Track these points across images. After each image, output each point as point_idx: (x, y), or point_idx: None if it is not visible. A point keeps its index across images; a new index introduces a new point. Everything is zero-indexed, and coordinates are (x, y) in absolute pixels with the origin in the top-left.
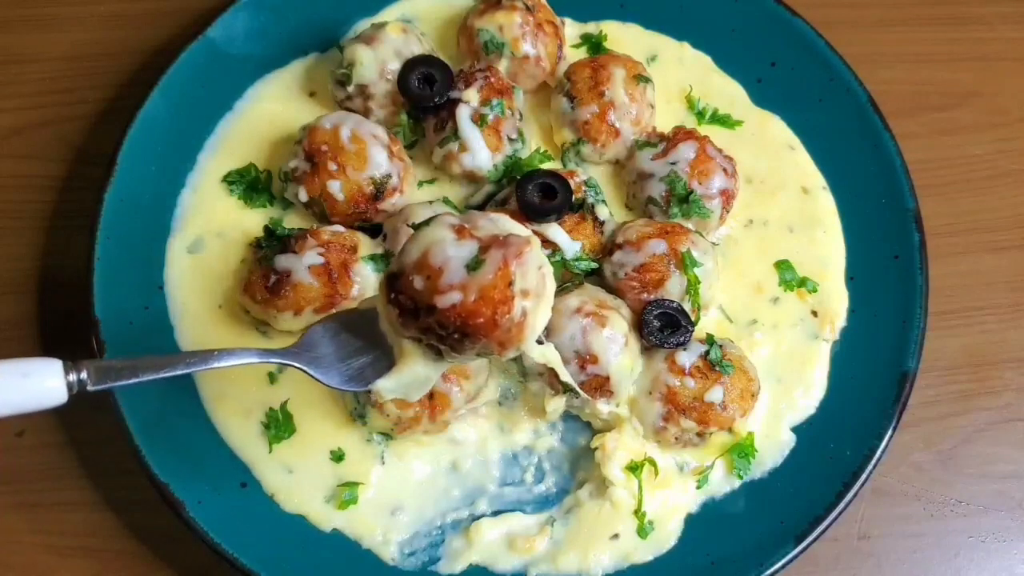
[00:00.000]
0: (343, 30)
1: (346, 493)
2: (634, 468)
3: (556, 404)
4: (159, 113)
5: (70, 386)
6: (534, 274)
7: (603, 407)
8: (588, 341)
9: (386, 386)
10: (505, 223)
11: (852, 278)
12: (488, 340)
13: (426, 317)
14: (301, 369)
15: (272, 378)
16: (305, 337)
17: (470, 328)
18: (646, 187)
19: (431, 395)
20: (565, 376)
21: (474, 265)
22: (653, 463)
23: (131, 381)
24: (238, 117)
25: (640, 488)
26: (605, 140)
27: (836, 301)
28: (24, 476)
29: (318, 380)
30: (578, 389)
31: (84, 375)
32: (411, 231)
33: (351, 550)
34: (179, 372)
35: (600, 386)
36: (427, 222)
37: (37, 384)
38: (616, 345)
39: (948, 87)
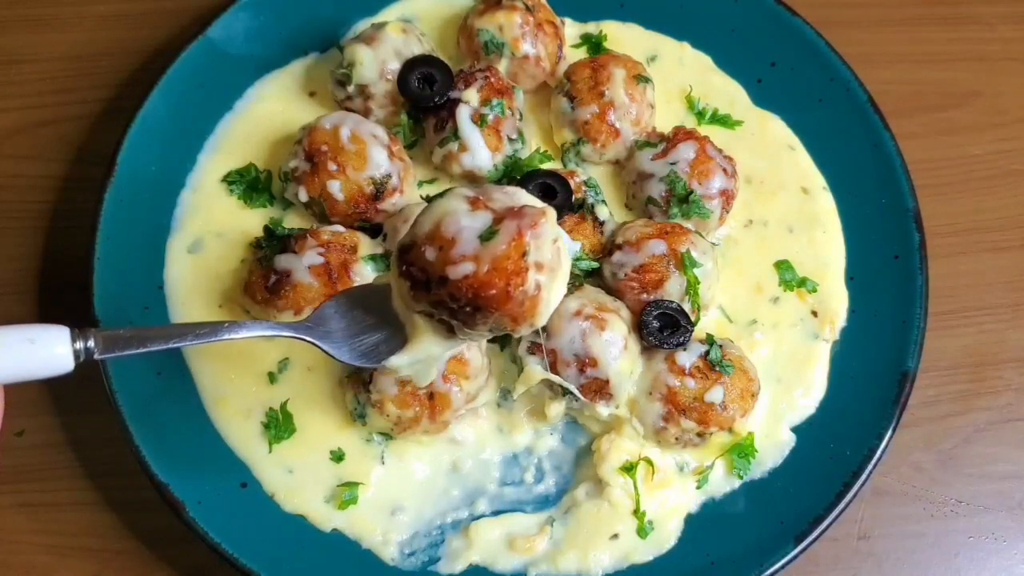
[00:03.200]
0: (343, 30)
1: (346, 493)
2: (629, 468)
3: (556, 409)
4: (159, 113)
5: (77, 354)
6: (549, 247)
7: (602, 410)
8: (587, 344)
9: (399, 363)
10: (520, 196)
11: (852, 278)
12: (501, 314)
13: (438, 289)
14: (313, 343)
15: (272, 378)
16: (317, 312)
17: (482, 300)
18: (646, 187)
19: (431, 395)
20: (560, 381)
21: (487, 235)
22: (650, 463)
23: (139, 351)
24: (238, 117)
25: (636, 488)
26: (605, 140)
27: (836, 301)
28: (24, 476)
29: (330, 355)
30: (577, 393)
31: (91, 343)
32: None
33: (351, 550)
34: (188, 343)
35: (599, 389)
36: (441, 194)
37: (44, 351)
38: (615, 348)
39: (948, 87)
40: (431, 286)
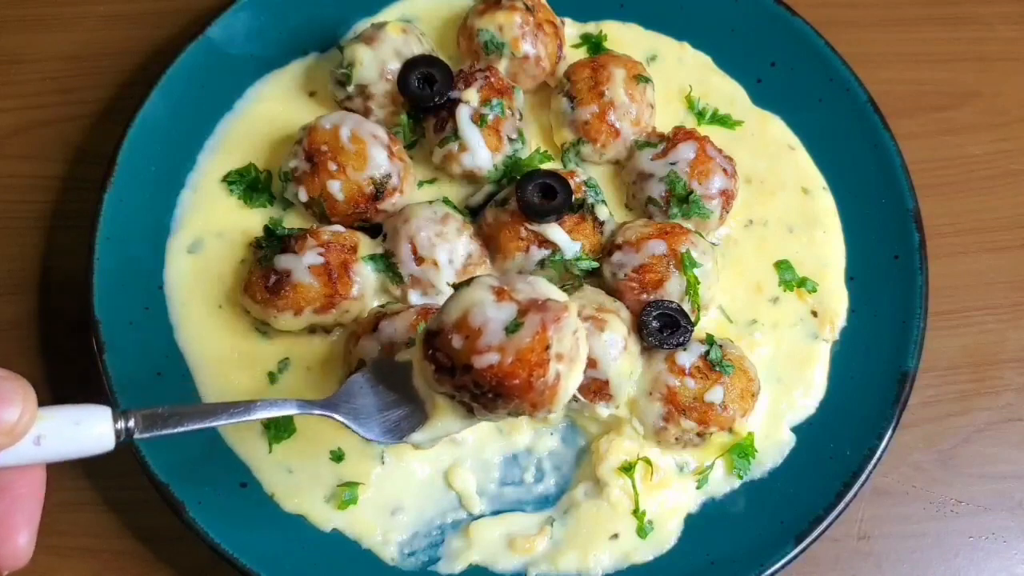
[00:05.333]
0: (343, 30)
1: (346, 493)
2: (627, 468)
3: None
4: (159, 113)
5: (118, 434)
6: (569, 339)
7: (602, 410)
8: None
9: (420, 440)
10: (541, 286)
11: (852, 278)
12: (521, 401)
13: (462, 376)
14: (340, 421)
15: (272, 378)
16: (344, 388)
17: (505, 389)
18: (646, 187)
19: None
20: None
21: (512, 328)
22: (648, 463)
23: (177, 430)
24: (238, 117)
25: (634, 488)
26: (605, 140)
27: (836, 301)
28: None
29: (358, 433)
30: (577, 394)
31: (132, 423)
32: (412, 233)
33: (351, 550)
34: (223, 423)
35: (599, 390)
36: (467, 283)
37: (87, 431)
38: (615, 349)
39: (948, 87)
40: (456, 372)
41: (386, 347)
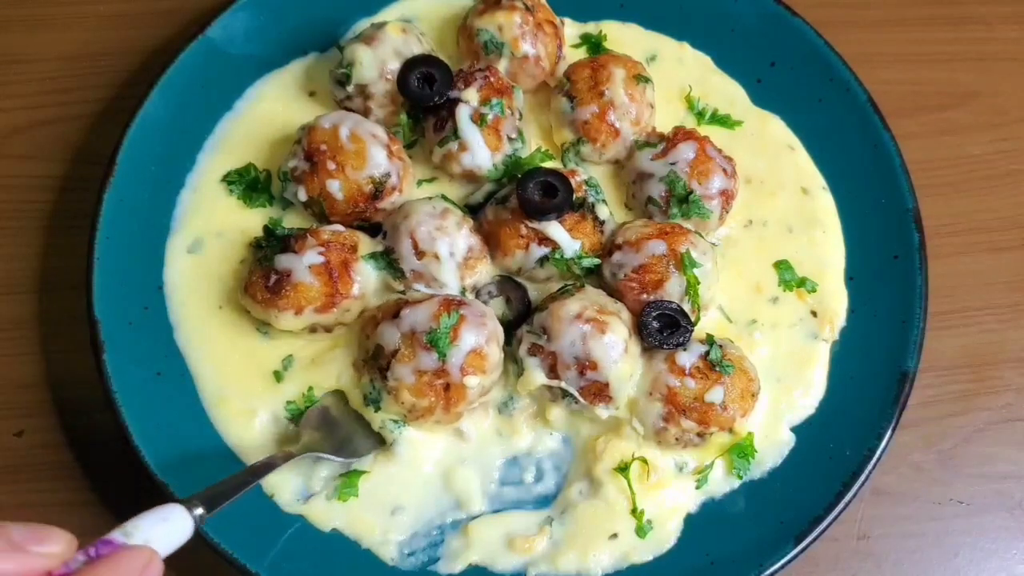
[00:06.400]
0: (343, 30)
1: (347, 485)
2: (623, 468)
3: (558, 413)
4: (159, 113)
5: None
6: None
7: (602, 412)
8: (588, 348)
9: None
10: None
11: (852, 278)
12: None
13: None
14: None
15: (278, 376)
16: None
17: None
18: (646, 187)
19: (447, 386)
20: (560, 385)
21: None
22: (645, 462)
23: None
24: (238, 117)
25: (630, 487)
26: (605, 140)
27: (836, 301)
28: (24, 476)
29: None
30: (577, 395)
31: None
32: (412, 228)
33: (351, 550)
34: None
35: (599, 392)
36: None
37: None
38: (616, 351)
39: (948, 87)
40: None
41: (407, 335)
